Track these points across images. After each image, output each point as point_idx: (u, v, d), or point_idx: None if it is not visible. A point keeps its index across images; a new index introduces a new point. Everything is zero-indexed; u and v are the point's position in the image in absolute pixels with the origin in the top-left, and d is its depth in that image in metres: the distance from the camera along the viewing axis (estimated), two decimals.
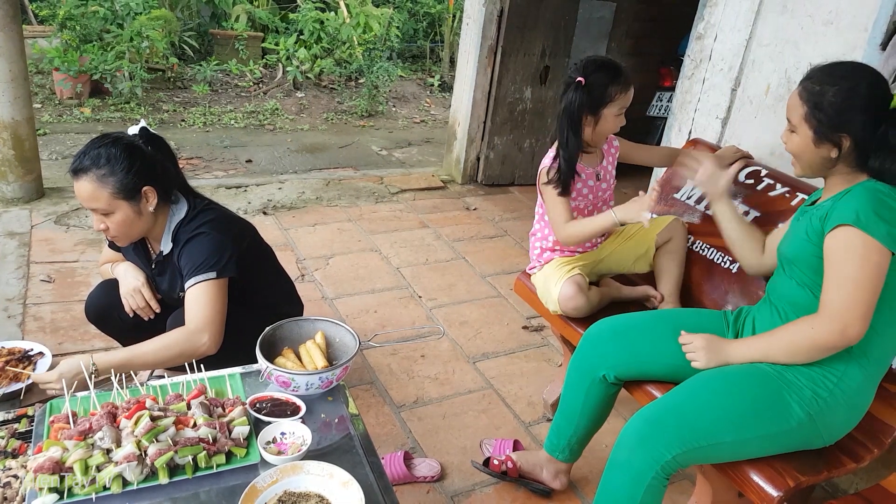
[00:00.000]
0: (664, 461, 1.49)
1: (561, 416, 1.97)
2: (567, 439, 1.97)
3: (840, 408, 1.55)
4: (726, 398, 1.54)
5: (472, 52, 4.31)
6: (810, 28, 2.22)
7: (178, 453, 1.26)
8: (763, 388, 1.55)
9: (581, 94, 2.02)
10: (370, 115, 6.42)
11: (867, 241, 1.42)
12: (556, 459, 2.01)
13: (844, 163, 1.55)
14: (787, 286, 1.65)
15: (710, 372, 1.62)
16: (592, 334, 1.90)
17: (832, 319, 1.46)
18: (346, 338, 1.62)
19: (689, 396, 1.57)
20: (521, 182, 4.74)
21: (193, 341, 1.67)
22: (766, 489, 1.51)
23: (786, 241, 1.68)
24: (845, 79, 1.50)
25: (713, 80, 2.55)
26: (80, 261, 3.12)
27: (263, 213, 3.85)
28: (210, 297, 1.73)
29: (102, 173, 1.69)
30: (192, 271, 1.75)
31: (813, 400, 1.52)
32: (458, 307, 3.11)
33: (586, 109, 2.04)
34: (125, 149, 1.72)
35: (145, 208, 1.77)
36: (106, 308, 2.02)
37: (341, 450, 1.39)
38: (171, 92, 6.19)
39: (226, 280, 1.79)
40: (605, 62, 2.07)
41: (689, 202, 2.36)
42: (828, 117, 1.50)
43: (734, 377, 1.58)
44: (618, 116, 2.07)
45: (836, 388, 1.53)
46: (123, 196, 1.71)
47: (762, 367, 1.59)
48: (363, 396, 2.43)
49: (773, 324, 1.66)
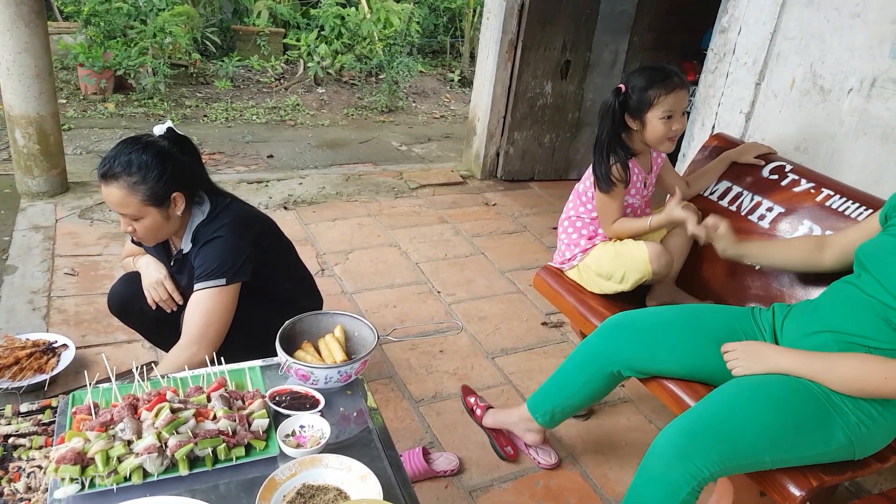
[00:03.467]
0: (702, 477, 1.44)
1: (553, 385, 1.97)
2: (551, 407, 1.97)
3: (879, 433, 1.50)
4: (771, 416, 1.46)
5: (492, 46, 4.29)
6: (837, 21, 2.18)
7: (198, 445, 1.26)
8: (810, 410, 1.48)
9: (618, 100, 2.03)
10: (390, 111, 6.42)
11: None
12: (533, 419, 2.02)
13: None
14: (873, 319, 1.50)
15: (751, 381, 1.55)
16: (612, 325, 1.87)
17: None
18: (365, 332, 1.62)
19: (731, 411, 1.49)
20: (541, 177, 4.71)
21: (184, 357, 1.68)
22: (790, 488, 1.48)
23: (886, 264, 1.51)
24: None
25: (737, 74, 2.51)
26: (103, 254, 3.16)
27: (284, 208, 3.87)
28: (211, 306, 1.75)
29: (134, 181, 1.70)
30: (202, 276, 1.77)
31: (857, 426, 1.47)
32: (477, 302, 3.10)
33: (631, 115, 2.06)
34: (156, 155, 1.72)
35: (173, 213, 1.79)
36: (128, 300, 2.04)
37: (360, 443, 1.39)
38: (194, 87, 6.24)
39: (237, 286, 1.80)
40: (649, 67, 2.07)
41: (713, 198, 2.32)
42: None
43: (780, 392, 1.50)
44: (666, 120, 2.02)
45: (880, 417, 1.48)
46: (153, 203, 1.73)
47: (808, 385, 1.51)
48: (382, 391, 2.44)
49: (828, 346, 1.55)
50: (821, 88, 2.25)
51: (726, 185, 2.29)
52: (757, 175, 2.23)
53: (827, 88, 2.23)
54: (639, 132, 2.09)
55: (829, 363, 1.51)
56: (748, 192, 2.21)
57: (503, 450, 2.16)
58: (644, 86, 2.01)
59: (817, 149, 2.26)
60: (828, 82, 2.23)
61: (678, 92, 2.01)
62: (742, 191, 2.23)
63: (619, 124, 2.07)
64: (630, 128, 2.09)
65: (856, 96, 2.15)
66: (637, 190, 2.19)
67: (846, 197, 2.00)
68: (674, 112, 2.02)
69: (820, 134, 2.25)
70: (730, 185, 2.28)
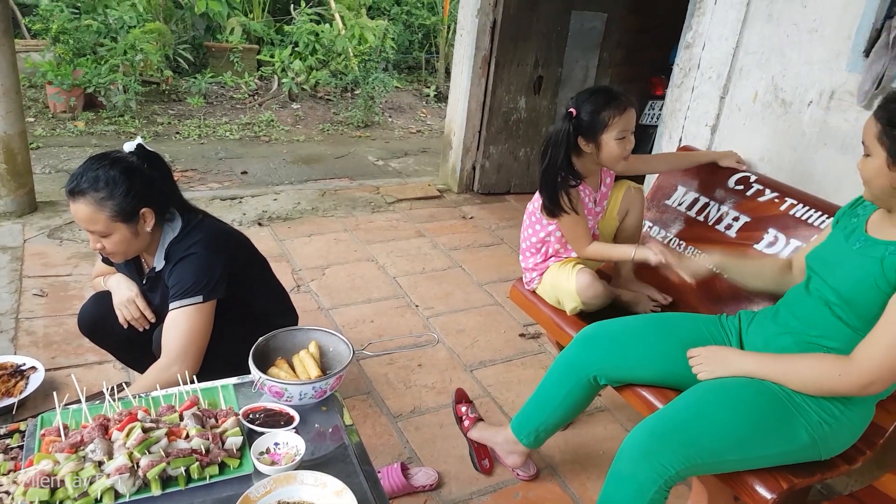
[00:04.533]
0: (668, 476, 1.48)
1: (535, 404, 1.98)
2: (535, 426, 1.98)
3: (842, 432, 1.54)
4: (734, 416, 1.51)
5: (465, 62, 4.34)
6: (795, 36, 2.25)
7: (171, 464, 1.25)
8: (772, 410, 1.52)
9: (569, 124, 2.05)
10: (366, 126, 6.44)
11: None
12: (518, 441, 2.02)
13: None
14: (822, 317, 1.56)
15: (715, 383, 1.60)
16: (586, 336, 1.90)
17: (862, 375, 1.42)
18: (340, 347, 1.62)
19: (696, 411, 1.54)
20: (517, 190, 4.76)
21: (164, 378, 1.66)
22: (760, 492, 1.51)
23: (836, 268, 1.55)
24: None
25: (702, 89, 2.57)
26: (73, 274, 3.12)
27: (259, 225, 3.86)
28: (190, 325, 1.74)
29: (101, 196, 1.69)
30: (178, 294, 1.75)
31: (819, 425, 1.51)
32: (455, 315, 3.11)
33: (584, 138, 2.07)
34: (124, 171, 1.71)
35: (142, 229, 1.77)
36: (99, 320, 2.02)
37: (335, 459, 1.39)
38: (166, 105, 6.20)
39: (213, 303, 1.79)
40: (597, 90, 2.08)
41: (681, 208, 2.37)
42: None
43: (743, 394, 1.55)
44: (621, 140, 2.06)
45: (842, 416, 1.52)
46: (122, 219, 1.72)
47: (770, 386, 1.55)
48: (360, 407, 2.43)
49: (790, 347, 1.60)
50: (782, 101, 2.31)
51: (694, 196, 2.34)
52: (723, 186, 2.29)
53: (788, 101, 2.29)
54: (592, 154, 2.10)
55: (788, 364, 1.56)
56: (715, 203, 2.26)
57: (480, 463, 2.16)
58: (596, 108, 2.02)
59: (780, 160, 2.32)
60: (789, 95, 2.29)
61: (629, 112, 2.04)
62: (709, 201, 2.28)
63: (571, 148, 2.08)
64: (582, 151, 2.10)
65: (816, 108, 2.21)
66: (589, 210, 2.21)
67: (809, 206, 2.05)
68: (626, 132, 2.05)
69: (782, 145, 2.31)
70: (697, 196, 2.33)
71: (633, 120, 2.07)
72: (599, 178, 2.25)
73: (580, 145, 2.08)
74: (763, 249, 2.09)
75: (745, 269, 1.90)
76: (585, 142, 2.07)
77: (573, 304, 2.13)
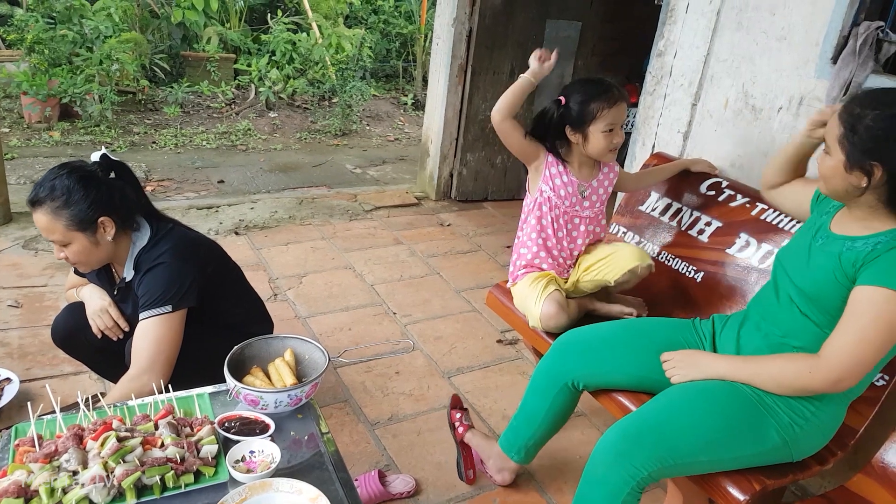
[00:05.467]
0: (640, 477, 1.49)
1: (521, 419, 1.98)
2: (525, 441, 1.99)
3: (814, 434, 1.57)
4: (705, 418, 1.53)
5: (442, 70, 4.37)
6: (765, 43, 2.30)
7: (146, 473, 1.25)
8: (743, 411, 1.54)
9: (558, 111, 2.04)
10: (344, 134, 6.44)
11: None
12: (508, 458, 2.03)
13: (873, 194, 1.45)
14: (790, 317, 1.59)
15: (687, 386, 1.62)
16: (562, 343, 1.92)
17: (832, 370, 1.44)
18: (316, 355, 1.63)
19: (668, 413, 1.56)
20: (495, 197, 4.78)
21: (135, 388, 1.65)
22: (733, 493, 1.54)
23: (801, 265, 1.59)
24: (888, 106, 1.40)
25: (674, 96, 2.61)
26: (48, 285, 3.08)
27: (235, 234, 3.84)
28: (159, 334, 1.73)
29: (57, 205, 1.68)
30: (147, 304, 1.74)
31: (790, 426, 1.54)
32: (433, 322, 3.12)
33: (572, 128, 2.07)
34: (80, 180, 1.70)
35: (103, 238, 1.76)
36: (73, 330, 2.00)
37: (311, 467, 1.39)
38: (142, 114, 6.16)
39: (183, 312, 1.78)
40: (589, 80, 2.07)
41: (654, 214, 2.40)
42: (862, 142, 1.40)
43: (714, 396, 1.57)
44: (608, 133, 2.05)
45: (813, 417, 1.55)
46: (78, 227, 1.71)
47: (741, 388, 1.58)
48: (337, 415, 2.43)
49: (761, 349, 1.63)
50: (752, 108, 2.36)
51: (667, 202, 2.38)
52: (696, 191, 2.32)
53: (758, 108, 2.34)
54: (578, 145, 2.10)
55: (758, 366, 1.58)
56: (687, 208, 2.30)
57: (465, 472, 2.16)
58: (586, 99, 2.02)
59: (751, 165, 2.36)
60: (759, 102, 2.34)
61: (619, 105, 2.03)
62: (682, 207, 2.32)
63: (556, 135, 2.08)
64: (570, 140, 2.10)
65: (785, 114, 2.26)
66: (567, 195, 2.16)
67: (780, 211, 2.09)
68: (615, 125, 2.05)
69: (753, 151, 2.36)
70: (670, 202, 2.37)
71: (624, 114, 2.06)
72: (595, 171, 2.22)
73: (567, 134, 2.08)
74: (735, 254, 2.12)
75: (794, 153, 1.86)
76: (572, 131, 2.07)
77: (534, 323, 2.16)
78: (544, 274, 2.21)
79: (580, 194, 2.20)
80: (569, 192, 2.18)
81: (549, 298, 2.09)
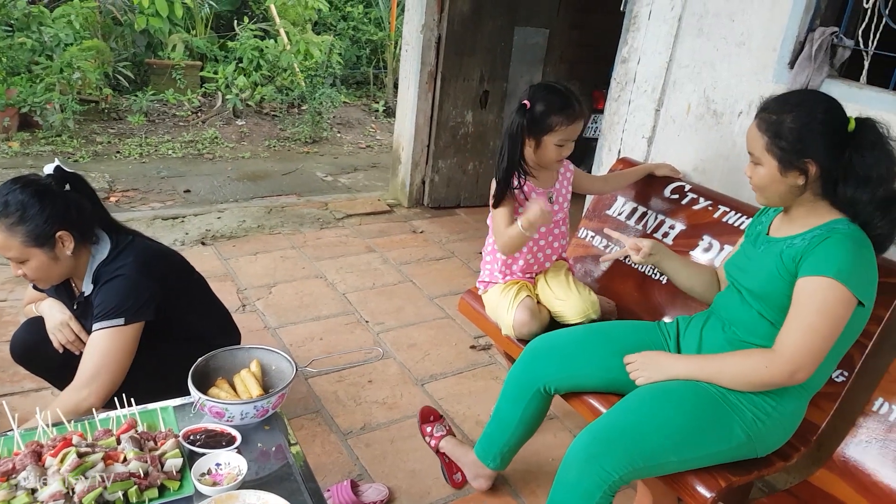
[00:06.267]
0: (612, 481, 1.51)
1: (495, 426, 1.99)
2: (500, 448, 1.99)
3: (776, 429, 1.61)
4: (673, 419, 1.56)
5: (412, 77, 4.37)
6: (725, 49, 2.35)
7: (108, 489, 1.22)
8: (708, 410, 1.57)
9: (523, 118, 2.05)
10: (314, 142, 6.40)
11: (842, 294, 1.43)
12: (484, 465, 2.03)
13: (811, 190, 1.52)
14: (747, 315, 1.64)
15: (654, 388, 1.65)
16: (532, 349, 1.93)
17: (786, 362, 1.48)
18: (283, 365, 1.61)
19: (636, 416, 1.58)
20: (467, 204, 4.80)
21: (74, 400, 1.63)
22: (700, 491, 1.56)
23: (748, 271, 1.65)
24: (800, 105, 1.49)
25: (638, 102, 2.65)
26: (7, 300, 3.00)
27: (202, 244, 3.78)
28: (107, 348, 1.70)
29: (11, 222, 1.63)
30: (100, 316, 1.71)
31: (753, 422, 1.57)
32: (406, 330, 3.11)
33: (528, 133, 2.07)
34: (34, 194, 1.66)
35: (62, 252, 1.72)
36: (32, 346, 1.95)
37: (280, 478, 1.38)
38: (106, 123, 6.05)
39: (137, 325, 1.75)
40: (555, 90, 2.07)
41: (621, 218, 2.43)
42: (790, 144, 1.47)
43: (680, 396, 1.60)
44: (560, 147, 2.07)
45: (775, 412, 1.58)
46: (36, 244, 1.67)
47: (705, 387, 1.61)
48: (309, 426, 2.40)
49: (723, 347, 1.67)
50: (714, 112, 2.40)
51: (633, 206, 2.41)
52: (660, 195, 2.36)
53: (719, 112, 2.39)
54: (531, 150, 2.11)
55: (718, 364, 1.62)
56: (653, 212, 2.33)
57: (451, 477, 2.15)
58: (546, 110, 2.03)
59: (713, 169, 2.41)
60: (720, 106, 2.38)
61: (577, 123, 2.06)
62: (647, 210, 2.35)
63: (522, 143, 2.08)
64: (523, 143, 2.10)
65: (745, 119, 2.30)
66: None
67: (741, 213, 2.14)
68: (567, 141, 2.07)
69: (715, 155, 2.40)
70: (636, 206, 2.40)
71: (579, 129, 2.08)
72: (555, 172, 2.24)
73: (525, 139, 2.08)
74: (698, 256, 2.16)
75: (681, 264, 1.92)
76: (528, 136, 2.08)
77: (507, 331, 2.17)
78: (514, 281, 2.23)
79: (549, 201, 2.23)
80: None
81: (522, 306, 2.11)
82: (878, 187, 1.46)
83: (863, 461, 1.64)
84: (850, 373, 1.72)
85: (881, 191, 1.47)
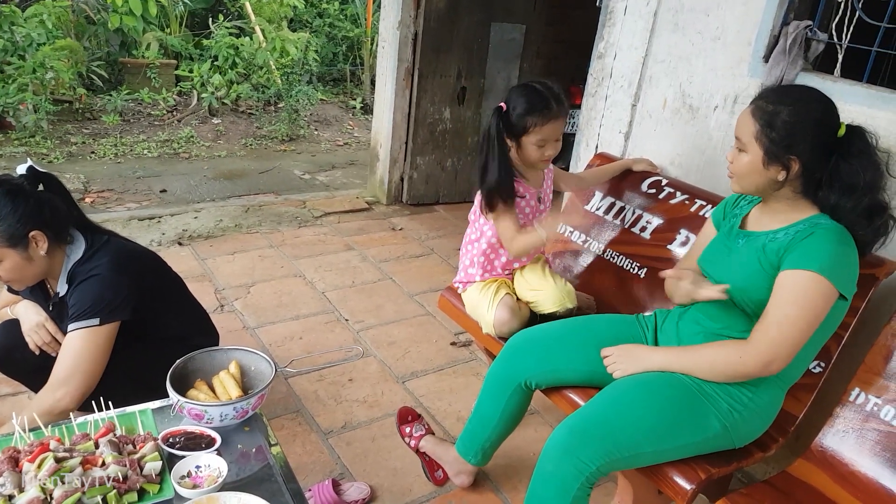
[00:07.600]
0: (589, 472, 1.52)
1: (476, 422, 2.00)
2: (481, 444, 2.00)
3: (753, 419, 1.62)
4: (648, 409, 1.57)
5: (389, 74, 4.35)
6: (700, 44, 2.37)
7: (87, 494, 1.21)
8: (684, 401, 1.59)
9: (499, 120, 2.04)
10: (291, 140, 6.35)
11: (824, 288, 1.44)
12: (466, 461, 2.04)
13: (790, 187, 1.53)
14: (724, 308, 1.64)
15: (630, 380, 1.66)
16: (512, 345, 1.94)
17: (761, 353, 1.49)
18: (262, 365, 1.60)
19: (612, 407, 1.59)
20: (446, 200, 4.79)
21: (49, 401, 1.61)
22: (680, 483, 1.57)
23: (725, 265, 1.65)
24: (800, 101, 1.48)
25: (615, 97, 2.67)
26: None
27: (179, 244, 3.74)
28: (81, 348, 1.68)
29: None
30: (74, 317, 1.70)
31: (729, 412, 1.58)
32: (387, 328, 3.10)
33: (508, 135, 2.06)
34: (6, 194, 1.64)
35: (36, 253, 1.70)
36: (8, 349, 1.91)
37: (260, 479, 1.37)
38: (80, 124, 5.95)
39: (112, 325, 1.73)
40: (531, 90, 2.04)
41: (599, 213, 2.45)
42: (780, 137, 1.47)
43: (655, 387, 1.61)
44: (539, 147, 2.05)
45: (751, 402, 1.60)
46: (9, 244, 1.64)
47: (681, 378, 1.62)
48: (289, 426, 2.39)
49: (700, 339, 1.68)
50: (690, 107, 2.43)
51: (610, 201, 2.42)
52: (637, 190, 2.38)
53: (695, 107, 2.41)
54: (513, 151, 2.11)
55: (694, 355, 1.64)
56: (630, 207, 2.35)
57: (433, 475, 2.15)
58: (523, 111, 2.02)
59: (690, 163, 2.43)
60: (696, 101, 2.41)
61: (554, 122, 2.03)
62: (625, 205, 2.37)
63: (503, 144, 2.07)
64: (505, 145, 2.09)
65: (721, 113, 2.33)
66: (532, 208, 2.24)
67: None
68: (547, 140, 2.06)
69: (691, 149, 2.42)
70: (614, 201, 2.41)
71: (560, 129, 2.05)
72: (540, 174, 2.25)
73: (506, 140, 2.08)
74: (675, 249, 2.18)
75: None
76: (508, 137, 2.07)
77: (488, 330, 2.17)
78: (493, 279, 2.23)
79: (538, 200, 2.25)
80: (531, 205, 2.23)
81: (502, 304, 2.12)
82: (864, 196, 1.47)
83: (840, 451, 1.67)
84: (828, 364, 1.75)
85: (866, 200, 1.48)
